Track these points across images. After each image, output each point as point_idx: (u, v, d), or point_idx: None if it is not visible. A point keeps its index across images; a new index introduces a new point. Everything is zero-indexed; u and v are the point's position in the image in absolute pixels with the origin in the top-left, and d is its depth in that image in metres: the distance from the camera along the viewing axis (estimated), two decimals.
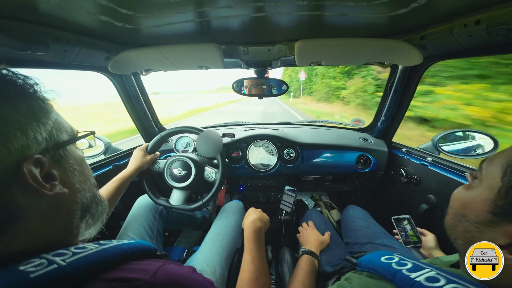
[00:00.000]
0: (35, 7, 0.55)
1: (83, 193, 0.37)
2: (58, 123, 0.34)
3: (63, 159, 0.34)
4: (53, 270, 0.25)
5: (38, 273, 0.25)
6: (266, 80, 1.13)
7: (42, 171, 0.30)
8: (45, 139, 0.31)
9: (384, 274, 0.39)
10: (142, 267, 0.32)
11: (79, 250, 0.30)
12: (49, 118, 0.32)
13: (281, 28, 0.79)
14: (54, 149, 0.32)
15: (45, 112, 0.32)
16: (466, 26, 0.64)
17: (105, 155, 1.26)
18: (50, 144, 0.32)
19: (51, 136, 0.32)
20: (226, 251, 0.87)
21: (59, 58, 0.80)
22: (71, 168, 0.35)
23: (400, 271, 0.36)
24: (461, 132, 1.17)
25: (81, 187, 0.36)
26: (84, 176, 0.38)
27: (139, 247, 0.37)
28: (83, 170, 0.38)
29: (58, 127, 0.34)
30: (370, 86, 7.94)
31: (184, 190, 1.00)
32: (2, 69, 0.31)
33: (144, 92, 1.33)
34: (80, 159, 0.38)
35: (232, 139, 1.37)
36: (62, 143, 0.34)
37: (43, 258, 0.27)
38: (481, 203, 0.33)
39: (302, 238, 0.90)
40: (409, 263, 0.38)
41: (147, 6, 0.57)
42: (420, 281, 0.33)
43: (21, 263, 0.25)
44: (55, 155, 0.33)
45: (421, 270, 0.35)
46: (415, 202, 1.09)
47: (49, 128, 0.32)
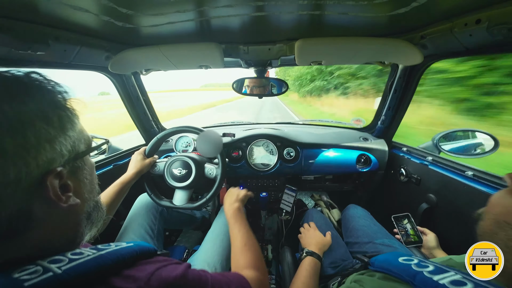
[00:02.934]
0: (35, 6, 0.54)
1: (89, 202, 0.36)
2: (80, 133, 0.34)
3: (79, 170, 0.33)
4: (48, 278, 0.25)
5: (33, 282, 0.24)
6: (266, 79, 1.13)
7: (59, 182, 0.29)
8: (68, 151, 0.30)
9: (402, 275, 0.37)
10: (136, 274, 0.31)
11: (76, 257, 0.29)
12: (74, 130, 0.32)
13: (281, 27, 0.79)
14: (73, 160, 0.32)
15: (72, 124, 0.31)
16: (466, 25, 0.64)
17: (105, 154, 1.26)
18: (71, 155, 0.31)
19: (73, 147, 0.31)
20: (226, 251, 0.87)
21: (59, 58, 0.80)
22: (85, 179, 0.35)
23: (421, 272, 0.34)
24: (461, 131, 1.17)
25: (88, 196, 0.36)
26: (92, 185, 0.37)
27: (137, 249, 0.36)
28: (92, 179, 0.37)
29: (80, 138, 0.33)
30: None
31: (186, 189, 1.00)
32: (33, 73, 0.29)
33: (144, 92, 1.33)
34: (92, 168, 0.37)
35: (232, 138, 1.37)
36: (81, 153, 0.33)
37: (38, 265, 0.26)
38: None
39: (303, 240, 0.90)
40: (430, 265, 0.36)
41: (147, 6, 0.57)
42: (444, 283, 0.31)
43: (16, 270, 0.25)
44: (73, 166, 0.32)
45: (445, 273, 0.33)
46: (416, 202, 1.09)
47: (73, 140, 0.31)
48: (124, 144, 1.38)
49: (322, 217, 1.09)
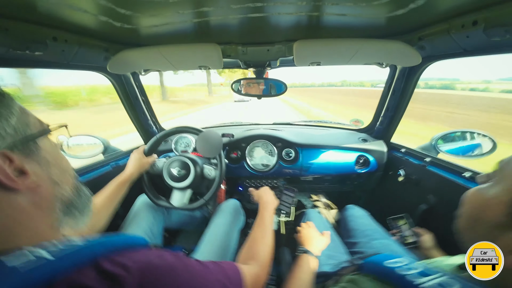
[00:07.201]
0: (34, 6, 0.54)
1: (61, 185, 0.37)
2: (24, 117, 0.34)
3: (33, 153, 0.33)
4: (41, 265, 0.26)
5: (27, 268, 0.25)
6: (265, 80, 1.13)
7: (11, 166, 0.30)
8: (9, 134, 0.31)
9: (389, 279, 0.37)
10: (127, 261, 0.32)
11: (64, 245, 0.30)
12: (11, 113, 0.32)
13: (280, 28, 0.79)
14: (22, 144, 0.32)
15: (7, 107, 0.32)
16: (463, 27, 0.64)
17: (103, 155, 1.26)
18: (16, 138, 0.32)
19: (16, 130, 0.32)
20: (225, 251, 0.87)
21: (57, 58, 0.80)
22: (45, 161, 0.35)
23: (408, 275, 0.35)
24: (459, 133, 1.17)
25: (58, 179, 0.36)
26: (61, 169, 0.37)
27: (129, 240, 0.37)
28: (60, 163, 0.38)
29: (24, 121, 0.34)
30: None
31: (184, 189, 1.00)
32: None
33: (143, 92, 1.33)
34: (54, 153, 0.37)
35: (231, 139, 1.37)
36: (29, 136, 0.33)
37: (29, 252, 0.27)
38: (499, 205, 0.32)
39: (301, 238, 0.90)
40: (418, 267, 0.36)
41: (145, 6, 0.57)
42: (431, 286, 0.31)
43: (7, 259, 0.26)
44: (24, 149, 0.32)
45: (432, 275, 0.33)
46: (414, 203, 1.09)
47: (12, 123, 0.32)
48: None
49: (321, 217, 1.09)
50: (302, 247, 0.83)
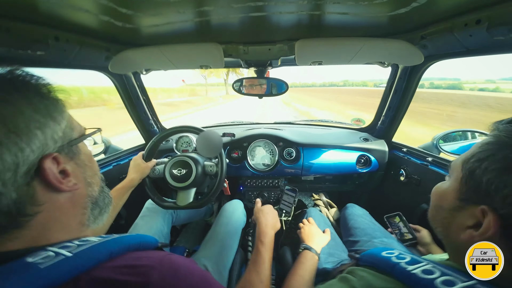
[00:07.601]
0: (35, 6, 0.54)
1: (92, 186, 0.39)
2: (70, 121, 0.37)
3: (75, 156, 0.36)
4: (61, 261, 0.27)
5: (47, 264, 0.26)
6: (266, 79, 1.12)
7: (58, 167, 0.32)
8: (60, 137, 0.33)
9: (384, 268, 0.41)
10: (147, 256, 0.34)
11: (83, 243, 0.31)
12: (63, 117, 0.34)
13: (281, 27, 0.79)
14: (68, 147, 0.34)
15: (59, 112, 0.34)
16: (466, 26, 0.64)
17: (105, 154, 1.26)
18: (64, 142, 0.34)
19: (65, 134, 0.34)
20: (226, 251, 0.87)
21: (59, 58, 0.80)
22: (83, 163, 0.37)
23: (399, 264, 0.39)
24: (461, 132, 1.17)
25: (91, 181, 0.39)
26: (93, 171, 0.40)
27: (141, 239, 0.38)
28: (92, 166, 0.40)
29: (70, 126, 0.36)
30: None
31: (188, 188, 1.00)
32: (17, 69, 0.32)
33: (144, 91, 1.33)
34: (89, 155, 0.40)
35: (232, 138, 1.37)
36: (74, 140, 0.36)
37: (49, 250, 0.28)
38: (451, 193, 0.40)
39: (303, 234, 0.90)
40: (407, 257, 0.41)
41: (147, 6, 0.57)
42: (416, 273, 0.35)
43: (29, 256, 0.27)
44: (68, 152, 0.35)
45: (418, 263, 0.37)
46: (415, 202, 1.09)
47: (63, 127, 0.34)
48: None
49: (321, 215, 1.09)
50: (304, 243, 0.83)
